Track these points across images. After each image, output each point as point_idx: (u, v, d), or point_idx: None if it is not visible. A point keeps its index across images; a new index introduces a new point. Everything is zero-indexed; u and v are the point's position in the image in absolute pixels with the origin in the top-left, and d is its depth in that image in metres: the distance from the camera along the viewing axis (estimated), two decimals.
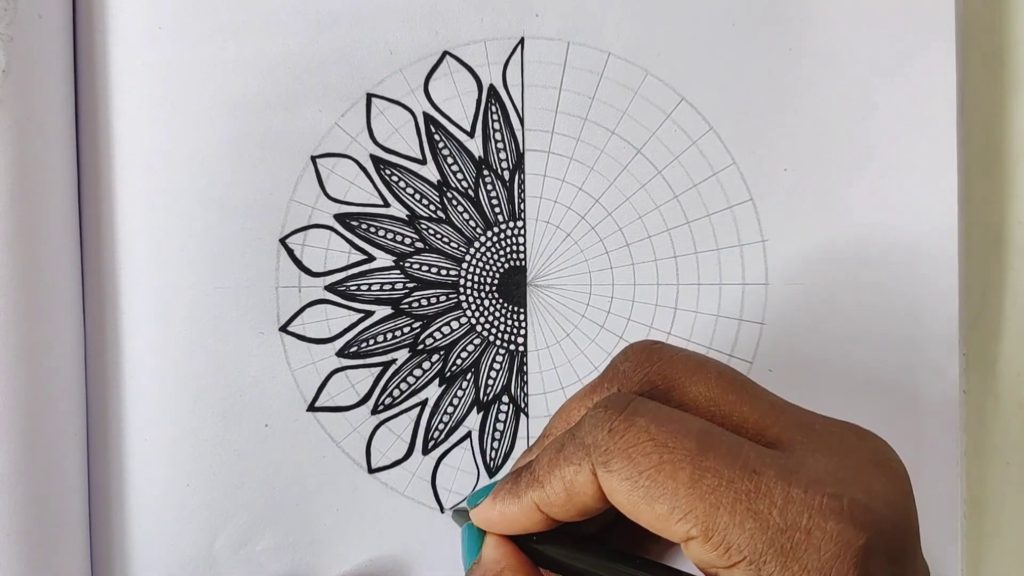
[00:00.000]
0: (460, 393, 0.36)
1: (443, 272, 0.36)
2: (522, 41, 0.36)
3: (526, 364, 0.36)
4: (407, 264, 0.36)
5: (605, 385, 0.27)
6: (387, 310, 0.36)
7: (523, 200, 0.36)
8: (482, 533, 0.28)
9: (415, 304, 0.36)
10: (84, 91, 0.35)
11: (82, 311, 0.35)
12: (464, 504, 0.30)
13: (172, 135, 0.35)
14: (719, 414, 0.24)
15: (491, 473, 0.36)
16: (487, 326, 0.36)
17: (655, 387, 0.25)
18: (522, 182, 0.36)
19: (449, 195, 0.36)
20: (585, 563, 0.26)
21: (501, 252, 0.36)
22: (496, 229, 0.36)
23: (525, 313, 0.36)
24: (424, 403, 0.36)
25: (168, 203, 0.35)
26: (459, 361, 0.36)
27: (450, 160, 0.36)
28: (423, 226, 0.36)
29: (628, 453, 0.23)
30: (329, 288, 0.36)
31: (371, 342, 0.36)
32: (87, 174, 0.35)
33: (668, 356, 0.26)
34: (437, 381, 0.36)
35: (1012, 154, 0.38)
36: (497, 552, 0.27)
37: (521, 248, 0.36)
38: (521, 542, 0.27)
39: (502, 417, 0.36)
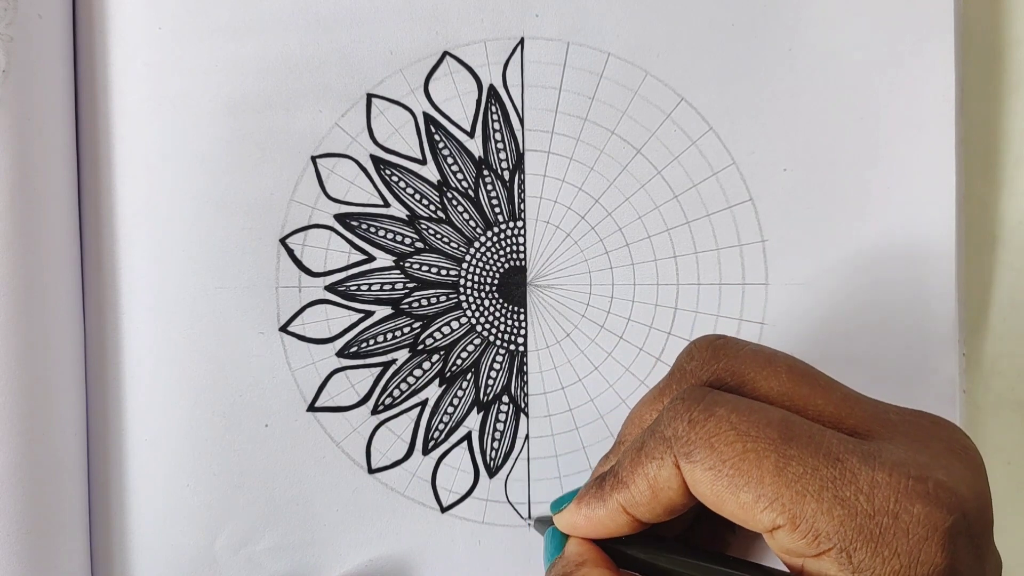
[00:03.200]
0: (460, 393, 0.36)
1: (443, 272, 0.36)
2: (522, 41, 0.36)
3: (526, 364, 0.36)
4: (407, 264, 0.36)
5: (673, 386, 0.26)
6: (387, 310, 0.36)
7: (523, 200, 0.36)
8: (565, 537, 0.28)
9: (415, 304, 0.36)
10: (84, 91, 0.35)
11: (82, 311, 0.35)
12: (546, 513, 0.30)
13: (172, 135, 0.35)
14: (794, 408, 0.24)
15: (491, 473, 0.36)
16: (487, 326, 0.36)
17: (724, 384, 0.25)
18: (522, 182, 0.36)
19: (449, 195, 0.36)
20: (666, 560, 0.26)
21: (501, 252, 0.36)
22: (496, 229, 0.36)
23: (525, 313, 0.36)
24: (424, 403, 0.36)
25: (168, 203, 0.35)
26: (459, 361, 0.36)
27: (450, 160, 0.36)
28: (423, 226, 0.36)
29: (710, 443, 0.23)
30: (329, 288, 0.36)
31: (371, 342, 0.36)
32: (87, 174, 0.35)
33: (735, 351, 0.26)
34: (437, 381, 0.36)
35: (1011, 154, 0.38)
36: (580, 547, 0.27)
37: (521, 248, 0.36)
38: (603, 544, 0.27)
39: (502, 417, 0.36)
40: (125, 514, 0.35)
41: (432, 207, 0.36)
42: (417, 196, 0.36)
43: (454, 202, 0.36)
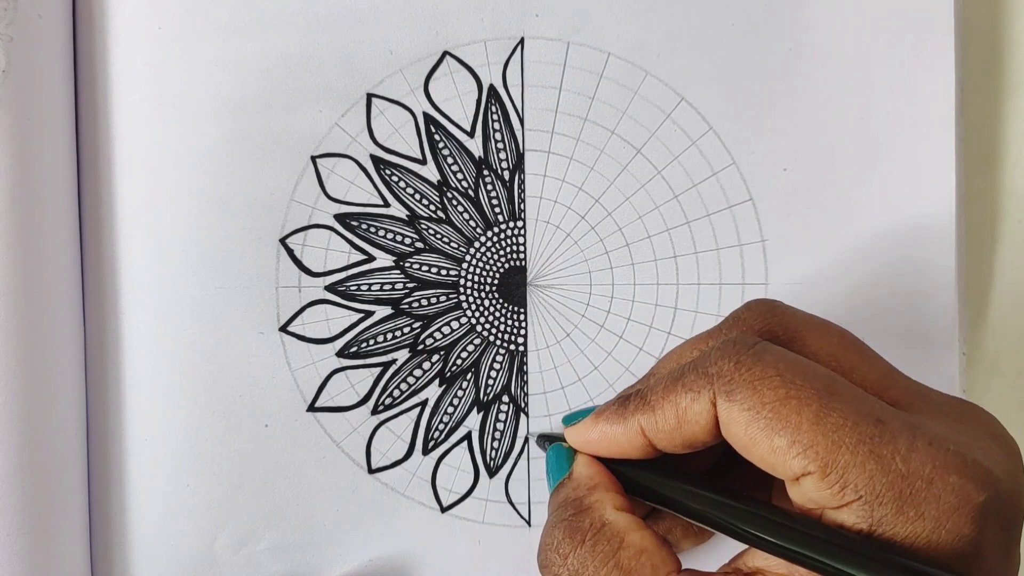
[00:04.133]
0: (460, 393, 0.36)
1: (443, 272, 0.36)
2: (522, 41, 0.36)
3: (526, 364, 0.36)
4: (407, 264, 0.36)
5: (724, 331, 0.27)
6: (387, 310, 0.36)
7: (523, 200, 0.36)
8: (572, 454, 0.28)
9: (415, 304, 0.36)
10: (84, 91, 0.35)
11: (82, 311, 0.35)
12: (550, 431, 0.29)
13: (172, 135, 0.35)
14: (840, 371, 0.24)
15: (491, 473, 0.36)
16: (487, 326, 0.36)
17: (776, 337, 0.25)
18: (522, 182, 0.36)
19: (449, 195, 0.36)
20: (674, 490, 0.26)
21: (501, 252, 0.36)
22: (496, 229, 0.36)
23: (525, 313, 0.36)
24: (424, 403, 0.36)
25: (168, 203, 0.35)
26: (459, 361, 0.36)
27: (450, 160, 0.36)
28: (423, 226, 0.36)
29: (754, 385, 0.23)
30: (329, 288, 0.36)
31: (371, 342, 0.36)
32: (87, 174, 0.35)
33: (790, 312, 0.26)
34: (437, 381, 0.36)
35: (1011, 153, 0.38)
36: (590, 470, 0.27)
37: (521, 248, 0.36)
38: (616, 466, 0.27)
39: (502, 417, 0.36)
40: (125, 514, 0.35)
41: (432, 207, 0.36)
42: (417, 196, 0.36)
43: (454, 202, 0.36)
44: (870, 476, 0.22)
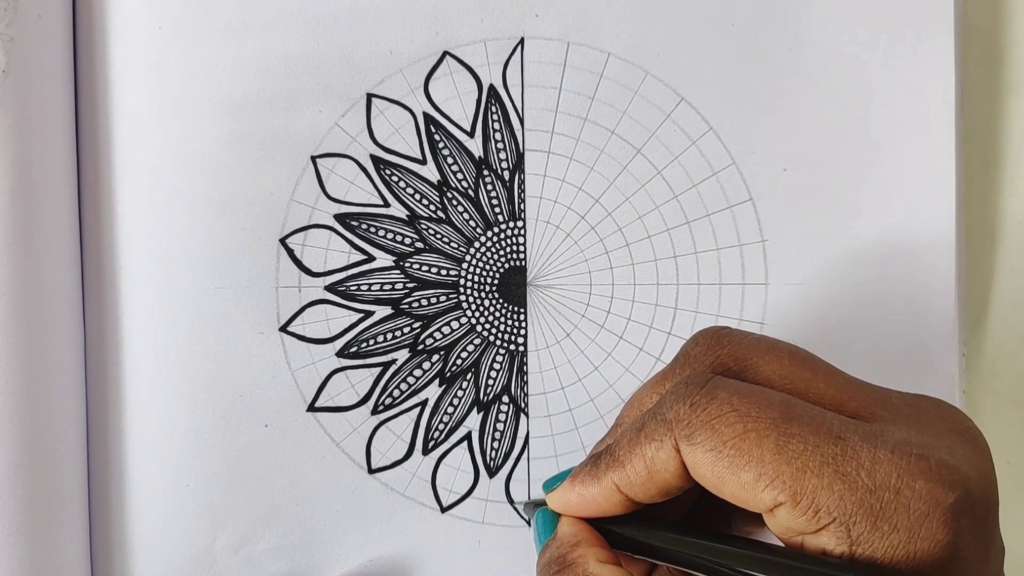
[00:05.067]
0: (460, 393, 0.36)
1: (443, 272, 0.36)
2: (522, 41, 0.36)
3: (526, 364, 0.36)
4: (407, 264, 0.36)
5: (677, 371, 0.27)
6: (387, 310, 0.36)
7: (523, 200, 0.36)
8: (556, 517, 0.28)
9: (415, 304, 0.36)
10: (84, 91, 0.35)
11: (82, 311, 0.35)
12: (535, 497, 0.29)
13: (172, 135, 0.35)
14: (795, 391, 0.24)
15: (491, 473, 0.36)
16: (487, 326, 0.36)
17: (727, 368, 0.25)
18: (522, 182, 0.36)
19: (449, 195, 0.36)
20: (658, 538, 0.26)
21: (501, 252, 0.36)
22: (496, 229, 0.36)
23: (525, 313, 0.36)
24: (424, 403, 0.36)
25: (168, 203, 0.35)
26: (459, 361, 0.36)
27: (450, 160, 0.36)
28: (423, 226, 0.36)
29: (711, 424, 0.23)
30: (329, 288, 0.36)
31: (371, 342, 0.36)
32: (87, 174, 0.35)
33: (739, 339, 0.26)
34: (437, 381, 0.36)
35: (1011, 154, 0.38)
36: (573, 528, 0.27)
37: (521, 248, 0.36)
38: (597, 525, 0.27)
39: (502, 417, 0.36)
40: (125, 514, 0.35)
41: (432, 207, 0.36)
42: (417, 196, 0.36)
43: (454, 202, 0.36)
44: (840, 496, 0.22)
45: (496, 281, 0.36)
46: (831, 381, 0.25)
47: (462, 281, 0.36)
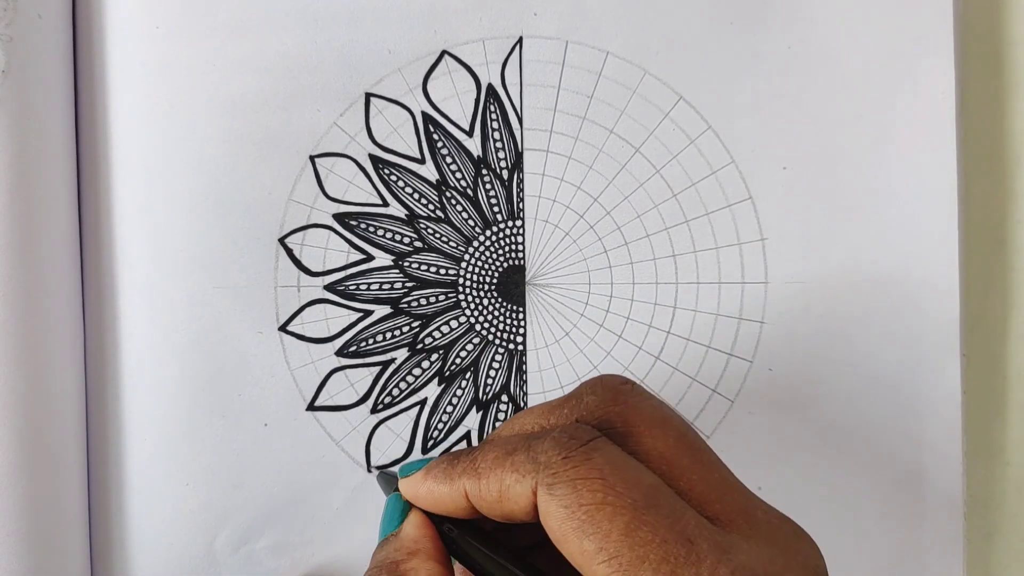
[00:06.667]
0: (459, 392, 0.36)
1: (442, 271, 0.36)
2: (520, 40, 0.36)
3: (525, 363, 0.36)
4: (406, 263, 0.36)
5: (565, 410, 0.27)
6: (386, 309, 0.36)
7: (522, 199, 0.36)
8: (407, 506, 0.28)
9: (414, 303, 0.36)
10: (83, 91, 0.35)
11: (82, 311, 0.35)
12: (394, 469, 0.29)
13: (171, 135, 0.35)
14: (667, 474, 0.24)
15: None
16: (486, 325, 0.36)
17: (613, 428, 0.25)
18: (521, 181, 0.36)
19: (448, 194, 0.36)
20: (494, 566, 0.26)
21: (500, 251, 0.36)
22: (495, 228, 0.36)
23: (524, 312, 0.36)
24: (423, 402, 0.36)
25: (167, 203, 0.35)
26: (458, 360, 0.36)
27: (449, 159, 0.36)
28: (422, 225, 0.36)
29: (575, 484, 0.23)
30: (328, 287, 0.36)
31: (370, 341, 0.36)
32: (86, 174, 0.35)
33: (634, 402, 0.26)
34: (436, 380, 0.36)
35: (1012, 154, 0.38)
36: (417, 532, 0.27)
37: (520, 247, 0.36)
38: (440, 526, 0.27)
39: (501, 416, 0.36)
40: (125, 513, 0.35)
41: (431, 206, 0.36)
42: (416, 195, 0.36)
43: (453, 201, 0.36)
44: None
45: (495, 280, 0.36)
46: (706, 475, 0.25)
47: (461, 280, 0.36)
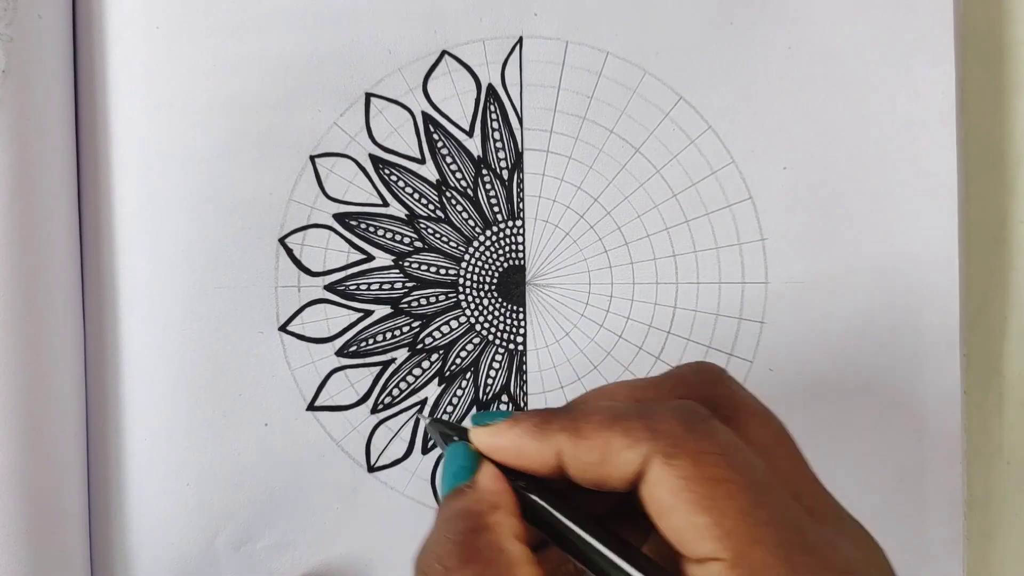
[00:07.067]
0: (459, 392, 0.36)
1: (442, 271, 0.36)
2: (520, 40, 0.36)
3: (525, 363, 0.36)
4: (406, 263, 0.36)
5: (667, 386, 0.26)
6: (386, 309, 0.36)
7: (522, 199, 0.36)
8: (477, 458, 0.25)
9: (414, 303, 0.36)
10: (83, 91, 0.35)
11: (82, 311, 0.35)
12: (446, 418, 0.28)
13: (171, 135, 0.35)
14: (768, 464, 0.24)
15: None
16: (486, 325, 0.36)
17: (717, 411, 0.24)
18: (521, 181, 0.36)
19: (448, 194, 0.36)
20: (568, 528, 0.24)
21: (500, 251, 0.36)
22: (495, 228, 0.36)
23: (524, 312, 0.36)
24: (424, 402, 0.36)
25: (167, 203, 0.35)
26: (458, 360, 0.36)
27: (449, 159, 0.36)
28: (422, 225, 0.36)
29: (698, 456, 0.22)
30: (328, 288, 0.36)
31: (370, 341, 0.36)
32: (86, 174, 0.35)
33: (736, 389, 0.26)
34: (436, 380, 0.36)
35: (1012, 154, 0.38)
36: (496, 485, 0.25)
37: (520, 247, 0.36)
38: (515, 482, 0.25)
39: None
40: (125, 514, 0.35)
41: (431, 206, 0.36)
42: (416, 195, 0.36)
43: (453, 201, 0.36)
44: None
45: (495, 280, 0.36)
46: (800, 471, 0.24)
47: (461, 280, 0.36)
